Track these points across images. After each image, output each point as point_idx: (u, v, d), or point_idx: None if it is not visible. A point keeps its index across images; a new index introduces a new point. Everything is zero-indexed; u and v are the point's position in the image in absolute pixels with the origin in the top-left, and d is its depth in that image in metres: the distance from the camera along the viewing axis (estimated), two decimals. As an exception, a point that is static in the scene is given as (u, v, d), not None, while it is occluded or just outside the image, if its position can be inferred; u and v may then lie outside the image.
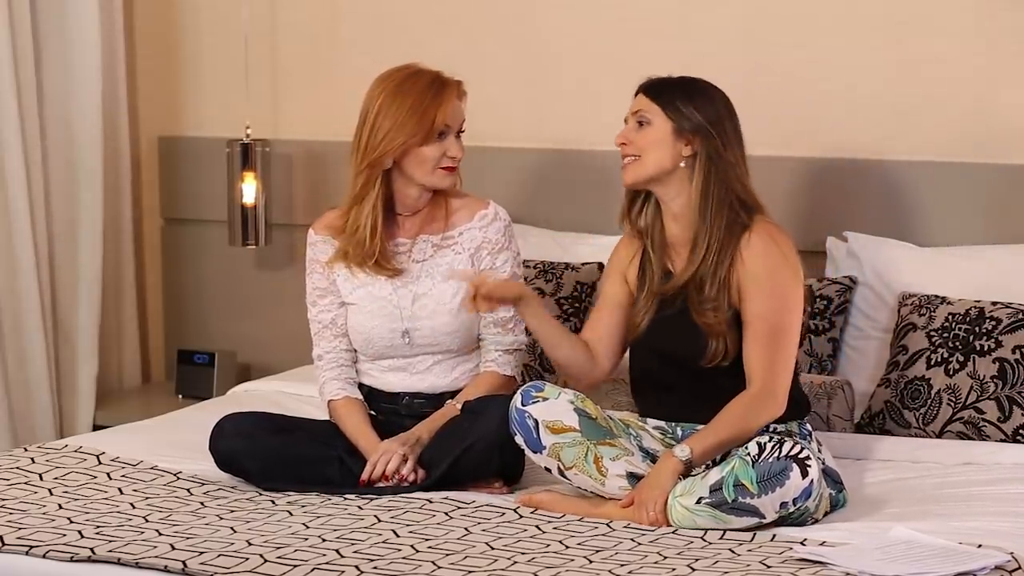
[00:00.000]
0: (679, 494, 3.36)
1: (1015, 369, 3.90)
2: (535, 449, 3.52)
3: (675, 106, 3.61)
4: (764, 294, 3.52)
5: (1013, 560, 3.06)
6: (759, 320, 3.51)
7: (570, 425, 3.51)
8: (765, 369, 3.49)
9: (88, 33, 4.95)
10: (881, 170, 4.42)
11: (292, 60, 5.09)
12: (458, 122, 3.78)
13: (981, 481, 3.65)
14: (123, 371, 5.29)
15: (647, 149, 3.60)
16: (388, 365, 3.83)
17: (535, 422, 3.51)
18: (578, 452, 3.49)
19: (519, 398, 3.53)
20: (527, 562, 3.08)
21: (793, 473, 3.30)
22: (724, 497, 3.30)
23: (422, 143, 3.73)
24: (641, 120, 3.62)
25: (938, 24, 4.39)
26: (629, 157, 3.62)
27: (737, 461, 3.33)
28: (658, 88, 3.65)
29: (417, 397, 3.82)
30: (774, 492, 3.29)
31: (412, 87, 3.75)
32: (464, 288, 3.72)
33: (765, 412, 3.48)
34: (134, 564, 3.07)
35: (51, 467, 3.71)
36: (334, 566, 3.04)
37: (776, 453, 3.32)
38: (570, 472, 3.49)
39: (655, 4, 4.66)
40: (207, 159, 5.16)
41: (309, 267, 3.89)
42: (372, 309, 3.80)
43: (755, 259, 3.54)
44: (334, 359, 3.86)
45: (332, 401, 3.83)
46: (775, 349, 3.50)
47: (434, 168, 3.75)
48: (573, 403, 3.54)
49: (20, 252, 4.83)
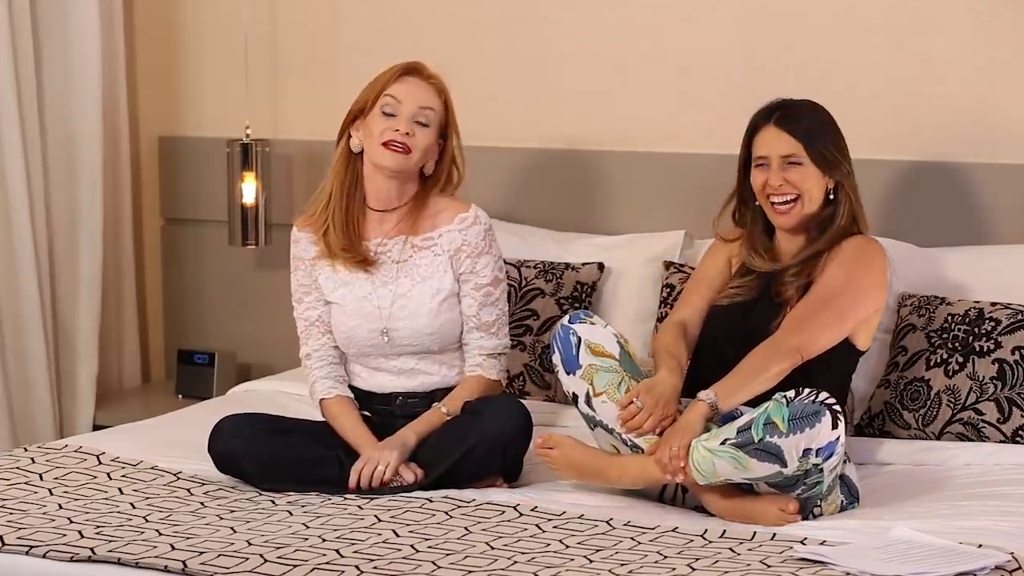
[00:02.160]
0: (703, 438, 3.38)
1: (1014, 370, 3.90)
2: (570, 368, 3.56)
3: (818, 149, 3.72)
4: (839, 269, 3.63)
5: (1013, 560, 3.06)
6: (820, 285, 3.62)
7: (611, 352, 3.58)
8: (799, 321, 3.58)
9: (88, 33, 4.95)
10: (881, 170, 4.42)
11: (292, 60, 5.09)
12: (412, 103, 3.77)
13: (981, 481, 3.65)
14: (123, 371, 5.29)
15: (804, 188, 3.71)
16: (376, 366, 3.84)
17: (578, 339, 3.57)
18: (612, 379, 3.55)
19: (567, 317, 3.63)
20: (527, 562, 3.08)
21: (825, 419, 3.32)
22: (751, 436, 3.32)
23: (367, 112, 3.78)
24: (794, 162, 3.71)
25: (938, 24, 4.39)
26: (786, 200, 3.70)
27: (772, 403, 3.36)
28: (795, 122, 3.73)
29: (411, 397, 3.83)
30: (802, 433, 3.31)
31: (385, 71, 3.83)
32: (445, 290, 3.77)
33: (784, 357, 3.54)
34: (134, 564, 3.07)
35: (51, 467, 3.72)
36: (334, 566, 3.04)
37: (812, 397, 3.35)
38: (597, 400, 3.53)
39: (655, 4, 4.66)
40: (207, 159, 5.16)
41: (293, 264, 3.92)
42: (352, 308, 3.82)
43: (848, 249, 3.67)
44: (323, 357, 3.87)
45: (324, 400, 3.84)
46: (819, 312, 3.59)
47: (379, 142, 3.76)
48: (617, 337, 3.62)
49: (20, 252, 4.83)
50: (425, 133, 3.79)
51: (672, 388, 3.54)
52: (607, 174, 4.68)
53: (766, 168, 3.74)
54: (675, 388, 3.55)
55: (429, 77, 3.82)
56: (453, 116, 3.86)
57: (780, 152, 3.72)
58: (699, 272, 3.89)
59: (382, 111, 3.78)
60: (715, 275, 3.83)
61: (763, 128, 3.75)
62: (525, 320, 4.35)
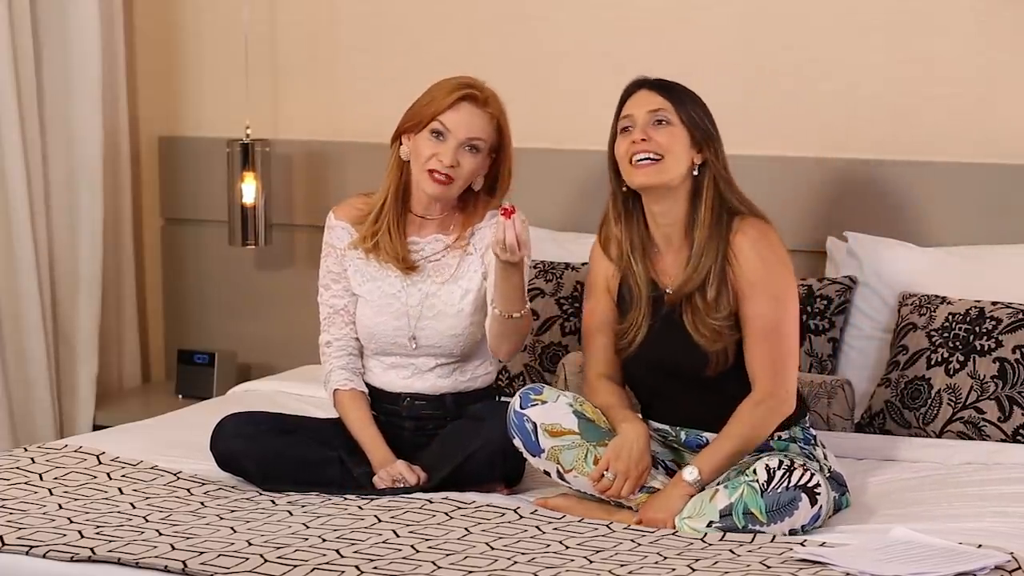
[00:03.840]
0: (687, 516, 3.33)
1: (1015, 369, 3.90)
2: (534, 452, 3.50)
3: (688, 111, 3.51)
4: (760, 293, 3.46)
5: (1013, 560, 3.06)
6: (758, 320, 3.45)
7: (569, 428, 3.49)
8: (768, 370, 3.45)
9: (88, 33, 4.95)
10: (881, 170, 4.42)
11: (292, 60, 5.09)
12: (463, 133, 3.70)
13: (981, 481, 3.65)
14: (123, 371, 5.29)
15: (671, 151, 3.48)
16: (391, 363, 3.83)
17: (533, 425, 3.48)
18: (577, 454, 3.47)
19: (517, 401, 3.51)
20: (527, 562, 3.08)
21: (802, 503, 3.29)
22: (734, 523, 3.28)
23: (418, 131, 3.72)
24: (661, 119, 3.50)
25: (938, 24, 4.39)
26: (648, 156, 3.47)
27: (745, 488, 3.29)
28: (669, 88, 3.53)
29: (418, 399, 3.82)
30: (783, 522, 3.28)
31: (445, 84, 3.75)
32: (474, 290, 3.74)
33: (773, 416, 3.46)
34: (134, 564, 3.07)
35: (51, 467, 3.71)
36: (334, 566, 3.04)
37: (785, 483, 3.30)
38: (569, 475, 3.48)
39: (655, 4, 4.66)
40: (207, 159, 5.16)
41: (324, 251, 3.88)
42: (379, 305, 3.80)
43: (747, 258, 3.47)
44: (343, 347, 3.84)
45: (338, 391, 3.81)
46: (776, 347, 3.46)
47: (424, 167, 3.73)
48: (572, 406, 3.52)
49: (20, 252, 4.83)
50: (472, 159, 3.73)
51: (638, 441, 3.43)
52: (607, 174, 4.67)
53: (631, 131, 3.50)
54: (641, 439, 3.44)
55: (485, 104, 3.73)
56: (508, 138, 3.78)
57: (647, 108, 3.49)
58: (589, 320, 3.66)
59: (431, 131, 3.71)
60: (606, 312, 3.62)
61: (631, 96, 3.56)
62: (525, 320, 4.35)
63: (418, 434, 3.79)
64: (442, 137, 3.71)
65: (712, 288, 3.47)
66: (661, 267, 3.56)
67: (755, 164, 4.45)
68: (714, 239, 3.48)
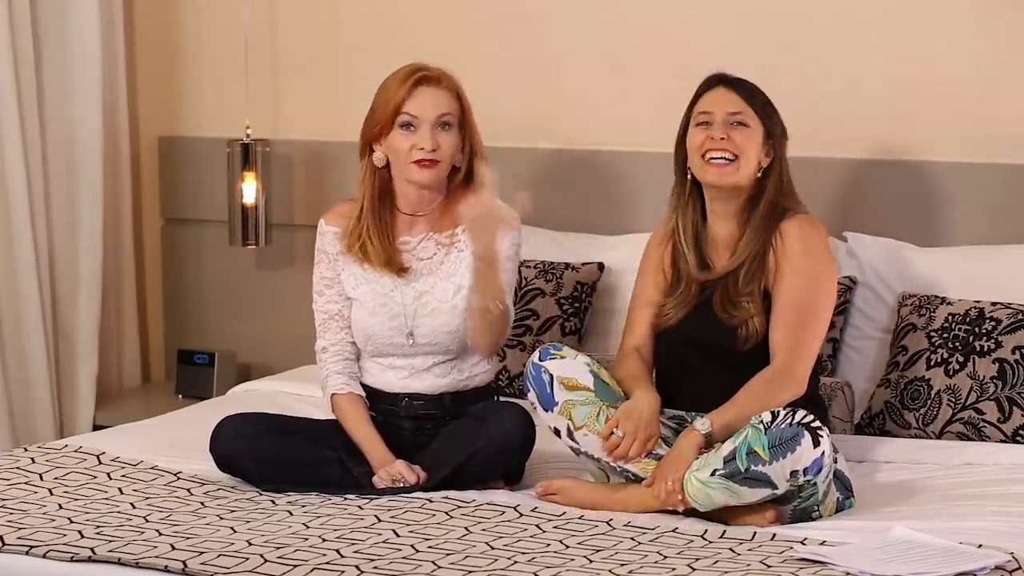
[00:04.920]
0: (695, 469, 3.36)
1: (1015, 370, 3.90)
2: (547, 405, 3.53)
3: (765, 114, 3.62)
4: (796, 274, 3.55)
5: (1013, 560, 3.06)
6: (789, 297, 3.54)
7: (585, 384, 3.54)
8: (789, 348, 3.51)
9: (88, 33, 4.95)
10: (881, 170, 4.42)
11: (292, 60, 5.09)
12: (431, 114, 3.72)
13: (981, 481, 3.65)
14: (123, 371, 5.28)
15: (745, 153, 3.59)
16: (388, 364, 3.83)
17: (550, 377, 3.53)
18: (590, 411, 3.51)
19: (536, 354, 3.57)
20: (527, 562, 3.08)
21: (804, 440, 3.30)
22: (737, 467, 3.30)
23: (388, 131, 3.74)
24: (740, 121, 3.60)
25: (938, 24, 4.39)
26: (724, 156, 3.58)
27: (750, 429, 3.34)
28: (749, 90, 3.64)
29: (416, 399, 3.82)
30: (785, 458, 3.30)
31: (393, 78, 3.77)
32: (467, 288, 3.73)
33: (786, 391, 3.50)
34: (134, 564, 3.07)
35: (51, 467, 3.71)
36: (334, 566, 3.04)
37: (788, 420, 3.33)
38: (579, 432, 3.51)
39: (655, 4, 4.66)
40: (207, 159, 5.16)
41: (317, 257, 3.89)
42: (373, 306, 3.80)
43: (792, 241, 3.57)
44: (339, 352, 3.85)
45: (336, 395, 3.81)
46: (801, 329, 3.52)
47: (407, 161, 3.74)
48: (589, 366, 3.58)
49: (20, 252, 4.83)
50: (449, 135, 3.74)
51: (649, 406, 3.51)
52: (607, 174, 4.68)
53: (708, 126, 3.62)
54: (652, 405, 3.51)
55: (440, 81, 3.76)
56: (468, 107, 3.80)
57: (727, 108, 3.62)
58: (638, 293, 3.77)
59: (401, 126, 3.73)
60: (653, 292, 3.73)
61: (709, 90, 3.66)
62: (525, 320, 4.35)
63: (417, 434, 3.79)
64: (413, 127, 3.73)
65: (746, 270, 3.57)
66: (714, 257, 3.66)
67: (755, 164, 4.45)
68: (764, 232, 3.59)
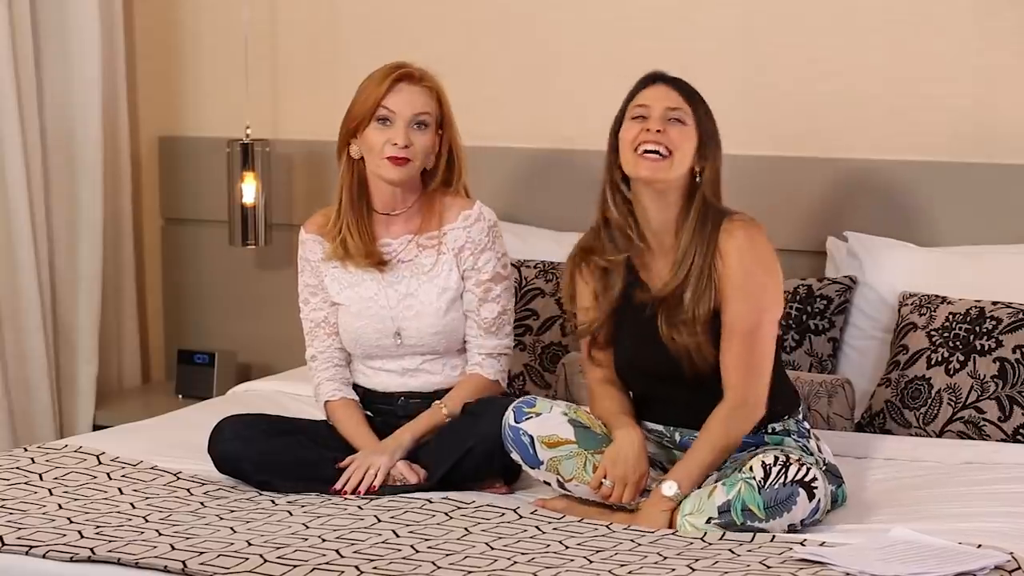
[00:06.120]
0: (688, 512, 3.33)
1: (1015, 369, 3.90)
2: (533, 465, 3.51)
3: (703, 117, 3.50)
4: (739, 297, 3.44)
5: (1013, 560, 3.06)
6: (735, 323, 3.44)
7: (566, 438, 3.50)
8: (740, 377, 3.44)
9: (88, 33, 4.95)
10: (881, 170, 4.42)
11: (292, 60, 5.10)
12: (407, 111, 3.74)
13: (981, 481, 3.65)
14: (123, 371, 5.29)
15: (680, 150, 3.47)
16: (379, 365, 3.84)
17: (530, 438, 3.50)
18: (576, 463, 3.49)
19: (511, 415, 3.51)
20: (527, 562, 3.08)
21: (800, 498, 3.29)
22: (733, 520, 3.28)
23: (364, 126, 3.74)
24: (678, 118, 3.48)
25: (938, 24, 4.39)
26: (657, 151, 3.45)
27: (743, 485, 3.29)
28: (689, 91, 3.52)
29: (412, 397, 3.82)
30: (782, 517, 3.28)
31: (370, 78, 3.79)
32: (452, 289, 3.75)
33: (745, 421, 3.45)
34: (134, 564, 3.07)
35: (51, 467, 3.71)
36: (334, 566, 3.04)
37: (782, 479, 3.30)
38: (570, 484, 3.49)
39: (655, 4, 4.66)
40: (207, 159, 5.16)
41: (300, 265, 3.91)
42: (359, 309, 3.81)
43: (731, 262, 3.44)
44: (328, 359, 3.86)
45: (329, 402, 3.84)
46: (750, 352, 3.44)
47: (380, 156, 3.74)
48: (567, 415, 3.53)
49: (20, 252, 4.83)
50: (423, 135, 3.76)
51: (632, 446, 3.44)
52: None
53: (644, 120, 3.47)
54: (635, 444, 3.45)
55: (421, 79, 3.78)
56: (448, 110, 3.82)
57: (665, 103, 3.46)
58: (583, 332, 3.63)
59: (378, 120, 3.75)
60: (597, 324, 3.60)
61: (648, 87, 3.52)
62: (525, 320, 4.35)
63: (416, 432, 3.80)
64: (389, 122, 3.74)
65: (691, 289, 3.45)
66: (654, 270, 3.54)
67: (755, 164, 4.45)
68: (700, 241, 3.46)
